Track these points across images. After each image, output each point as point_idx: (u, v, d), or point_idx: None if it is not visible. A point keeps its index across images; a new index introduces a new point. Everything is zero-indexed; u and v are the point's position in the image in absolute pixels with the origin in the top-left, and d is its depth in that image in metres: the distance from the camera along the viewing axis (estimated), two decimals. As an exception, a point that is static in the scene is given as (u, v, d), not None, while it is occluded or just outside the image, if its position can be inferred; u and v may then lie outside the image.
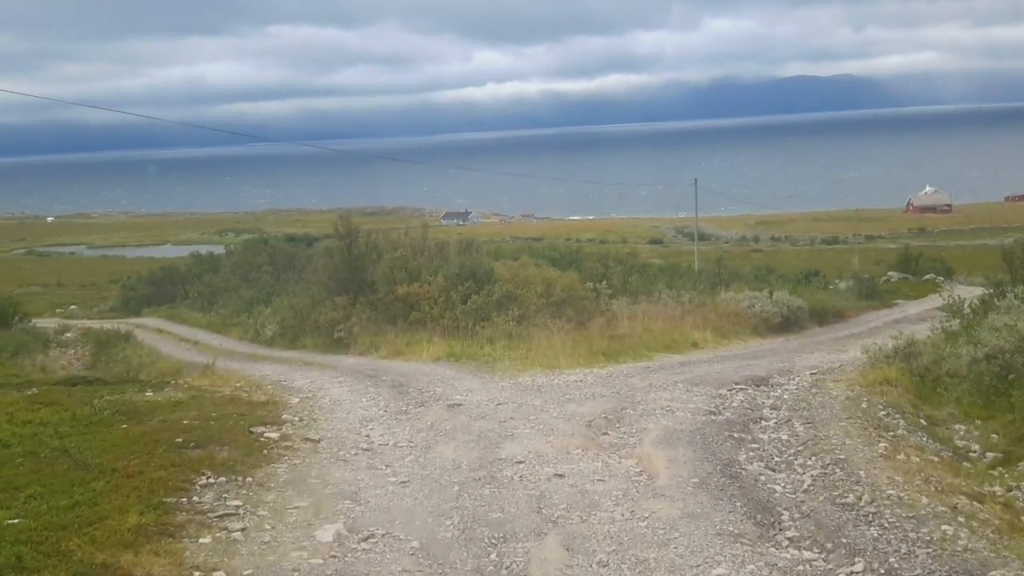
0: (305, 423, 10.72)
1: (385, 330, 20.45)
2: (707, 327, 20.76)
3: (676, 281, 26.36)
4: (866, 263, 64.44)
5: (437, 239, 27.68)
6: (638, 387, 13.08)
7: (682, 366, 16.09)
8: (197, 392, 14.05)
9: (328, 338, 22.16)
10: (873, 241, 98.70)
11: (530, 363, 16.10)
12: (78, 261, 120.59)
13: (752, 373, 15.15)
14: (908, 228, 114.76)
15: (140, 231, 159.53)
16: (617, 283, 24.29)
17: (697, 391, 12.99)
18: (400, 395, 13.12)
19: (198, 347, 27.72)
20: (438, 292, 20.24)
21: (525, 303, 19.79)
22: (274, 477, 8.12)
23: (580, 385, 13.39)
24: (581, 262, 34.97)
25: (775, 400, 12.32)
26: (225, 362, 22.18)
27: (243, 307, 32.20)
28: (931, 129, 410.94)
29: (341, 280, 23.28)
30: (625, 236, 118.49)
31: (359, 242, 23.47)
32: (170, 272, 46.98)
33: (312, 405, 12.40)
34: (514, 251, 44.02)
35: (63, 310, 55.35)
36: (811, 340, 21.75)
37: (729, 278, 27.79)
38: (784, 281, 32.49)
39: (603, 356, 17.01)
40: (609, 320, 20.48)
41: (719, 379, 14.25)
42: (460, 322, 19.36)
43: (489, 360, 16.84)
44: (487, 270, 20.85)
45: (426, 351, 18.25)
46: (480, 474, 8.44)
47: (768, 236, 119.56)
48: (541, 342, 17.87)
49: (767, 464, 8.55)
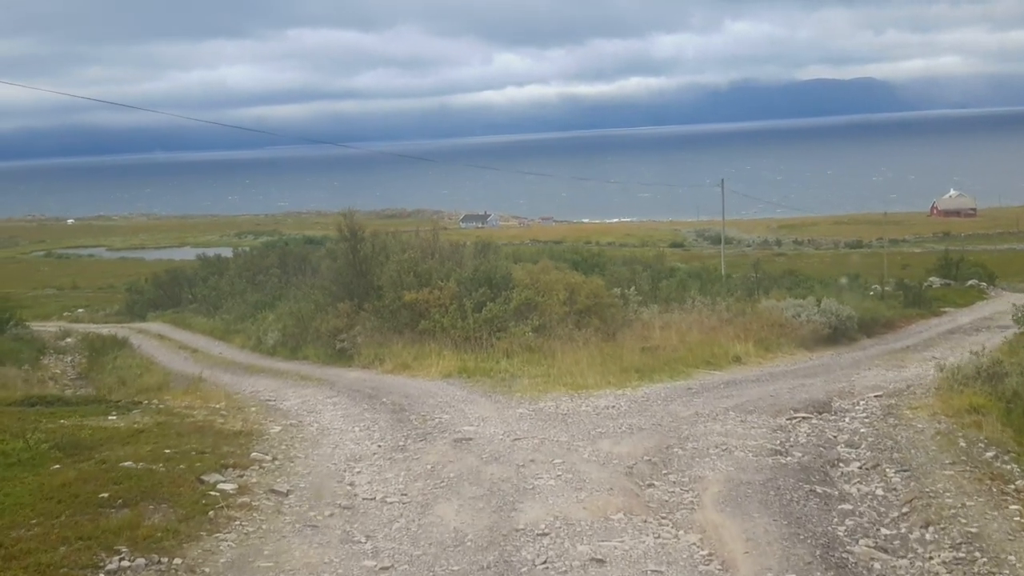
0: (278, 464, 8.70)
1: (391, 340, 18.44)
2: (749, 339, 18.62)
3: (709, 287, 24.20)
4: (893, 267, 62.23)
5: (452, 240, 25.62)
6: (682, 416, 11.01)
7: (727, 387, 13.99)
8: (167, 416, 12.12)
9: (330, 348, 20.20)
10: (898, 245, 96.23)
11: (552, 382, 14.04)
12: (97, 263, 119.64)
13: (810, 396, 13.06)
14: (933, 232, 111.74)
15: (160, 233, 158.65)
16: (646, 289, 22.19)
17: (752, 421, 10.91)
18: (400, 423, 11.11)
19: (196, 356, 25.86)
20: (450, 299, 18.19)
21: (546, 312, 17.72)
22: (213, 557, 6.04)
23: (613, 413, 11.31)
24: (604, 266, 32.90)
25: (850, 434, 10.23)
26: (218, 374, 20.32)
27: (248, 312, 30.37)
28: (953, 132, 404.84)
29: (345, 285, 21.32)
30: (645, 239, 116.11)
31: (365, 243, 21.51)
32: (176, 275, 45.13)
33: (294, 436, 10.42)
34: (533, 254, 41.93)
35: (71, 313, 53.89)
36: (863, 354, 19.56)
37: (768, 284, 25.55)
38: (823, 287, 30.26)
39: (635, 373, 14.93)
40: (639, 330, 18.39)
41: (774, 404, 12.17)
42: (473, 333, 17.32)
43: (505, 378, 14.80)
44: (504, 274, 18.77)
45: (435, 365, 16.24)
46: (489, 558, 6.32)
47: (791, 240, 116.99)
48: (565, 356, 15.81)
49: (876, 542, 6.42)
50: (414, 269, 19.21)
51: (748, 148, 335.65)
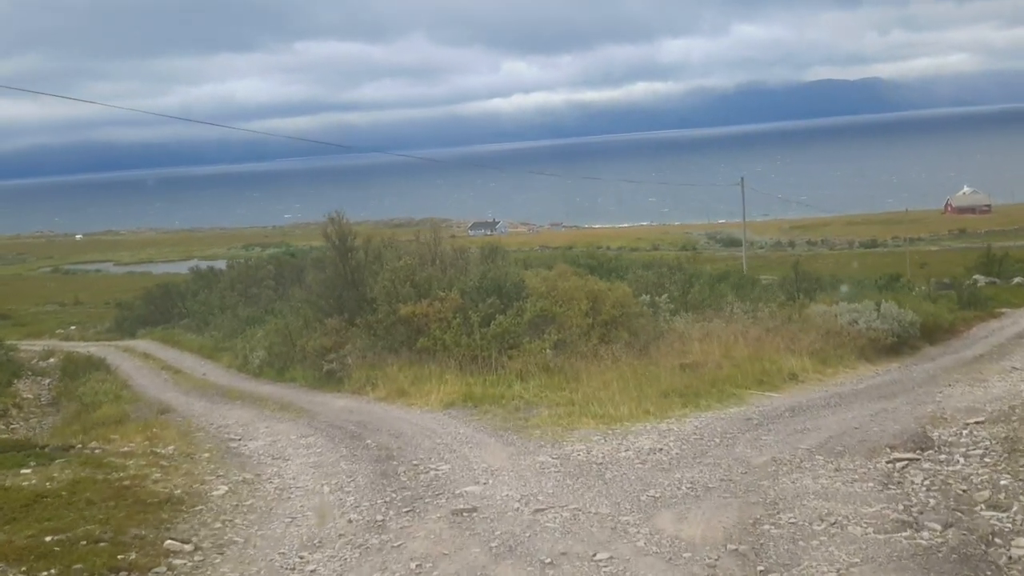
0: (197, 562, 6.06)
1: (385, 361, 15.83)
2: (801, 351, 15.93)
3: (746, 291, 21.51)
4: (911, 267, 59.77)
5: (456, 245, 22.98)
6: (755, 464, 8.35)
7: (794, 416, 11.31)
8: (92, 470, 9.55)
9: (318, 371, 17.64)
10: (914, 243, 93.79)
11: (578, 412, 11.40)
12: (104, 278, 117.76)
13: (901, 426, 10.39)
14: (948, 230, 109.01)
15: (168, 247, 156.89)
16: (677, 295, 19.52)
17: (848, 469, 8.27)
18: (384, 479, 8.49)
19: (177, 378, 23.34)
20: (453, 312, 15.55)
21: (566, 324, 15.07)
22: None
23: (663, 461, 8.64)
24: (624, 271, 30.30)
25: (988, 489, 7.54)
26: (192, 402, 17.87)
27: (239, 328, 27.91)
28: (963, 130, 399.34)
29: (335, 298, 18.75)
30: (656, 243, 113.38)
31: (357, 251, 18.94)
32: (168, 290, 42.68)
33: (241, 501, 7.83)
34: (546, 259, 39.26)
35: (64, 331, 51.66)
36: (934, 366, 16.80)
37: (811, 287, 22.81)
38: (867, 289, 27.55)
39: (678, 398, 12.27)
40: (675, 344, 15.72)
41: (864, 440, 9.52)
42: (481, 351, 14.68)
43: (520, 406, 12.17)
44: (516, 282, 16.12)
45: (435, 391, 13.63)
46: None
47: (804, 241, 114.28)
48: (590, 378, 13.17)
49: None
50: (411, 278, 16.58)
51: (757, 150, 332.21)
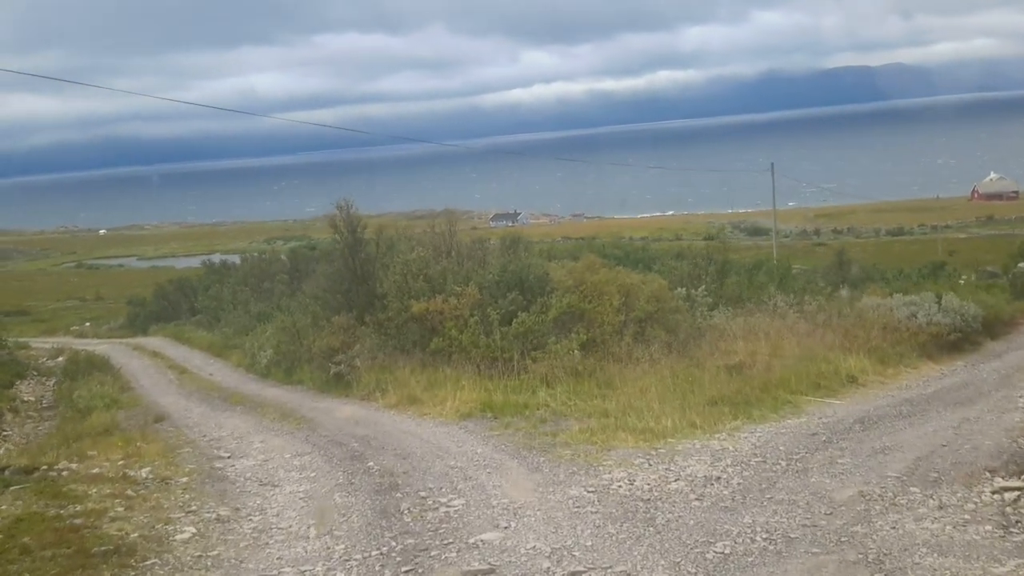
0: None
1: (396, 364, 14.39)
2: (857, 349, 14.31)
3: (788, 283, 19.85)
4: (939, 255, 57.84)
5: (474, 236, 21.44)
6: (838, 499, 6.80)
7: (864, 428, 9.75)
8: (47, 502, 8.18)
9: (326, 372, 16.23)
10: (940, 231, 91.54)
11: (614, 426, 9.89)
12: (126, 273, 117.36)
13: (993, 442, 8.82)
14: (976, 216, 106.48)
15: (191, 241, 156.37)
16: (713, 288, 17.91)
17: (952, 505, 6.72)
18: (384, 518, 7.02)
19: (183, 378, 22.11)
20: (470, 309, 14.08)
21: (596, 322, 13.55)
22: None
23: (723, 496, 7.07)
24: (651, 261, 28.76)
25: None
26: (192, 407, 16.59)
27: (250, 325, 26.65)
28: (989, 116, 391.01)
29: (343, 293, 17.32)
30: (679, 233, 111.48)
31: (368, 243, 17.48)
32: (182, 285, 41.53)
33: (208, 551, 6.42)
34: (570, 250, 37.63)
35: (78, 327, 50.80)
36: (1002, 363, 15.10)
37: (857, 278, 21.08)
38: (908, 280, 25.80)
39: (727, 407, 10.72)
40: (716, 342, 14.15)
41: (957, 463, 7.96)
42: (501, 353, 13.20)
43: (546, 418, 10.69)
44: (540, 275, 14.59)
45: (450, 399, 12.16)
46: None
47: (829, 229, 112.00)
48: (626, 384, 11.66)
49: None
50: (424, 272, 15.10)
51: (779, 138, 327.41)
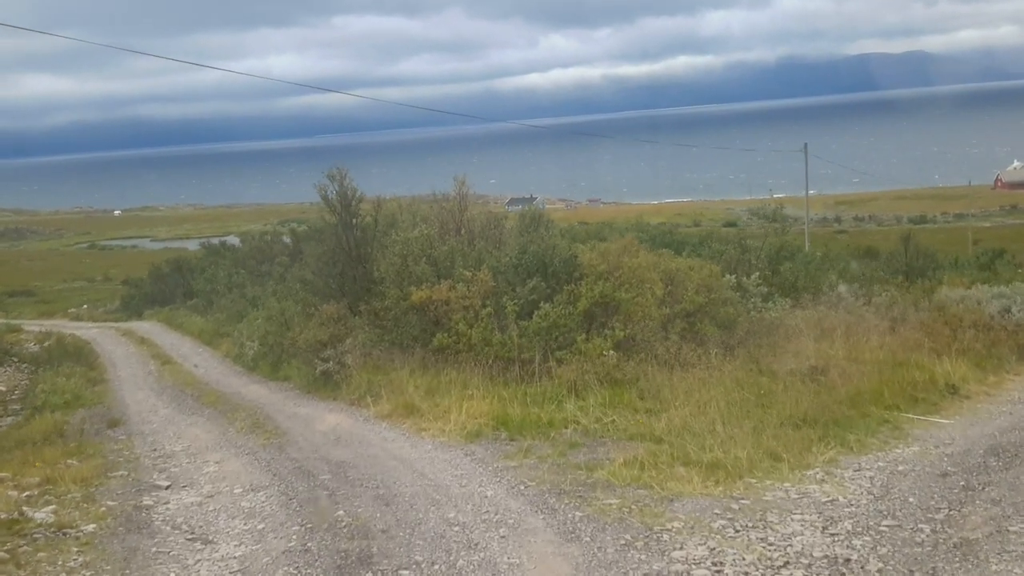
0: None
1: (392, 362, 11.94)
2: (951, 351, 11.75)
3: (849, 270, 17.25)
4: (965, 243, 55.02)
5: (488, 212, 18.82)
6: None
7: (1001, 462, 7.27)
8: None
9: (313, 369, 13.82)
10: (964, 219, 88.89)
11: (668, 458, 7.42)
12: (140, 254, 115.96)
13: None
14: (1000, 205, 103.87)
15: (205, 223, 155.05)
16: (767, 276, 15.37)
17: None
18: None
19: (164, 370, 19.83)
20: (482, 298, 11.57)
21: (635, 316, 11.01)
22: None
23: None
24: (680, 246, 26.24)
25: None
26: (159, 407, 14.28)
27: (244, 310, 24.47)
28: (1013, 104, 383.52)
29: (335, 277, 14.88)
30: (697, 219, 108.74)
31: (363, 217, 15.03)
32: (180, 266, 39.30)
33: None
34: (592, 234, 35.01)
35: (76, 309, 48.87)
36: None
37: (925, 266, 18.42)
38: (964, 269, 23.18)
39: (813, 430, 8.22)
40: (783, 342, 11.62)
41: None
42: (519, 352, 10.71)
43: (577, 443, 8.23)
44: (566, 258, 12.00)
45: (456, 410, 9.69)
46: None
47: (851, 216, 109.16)
48: (678, 396, 9.16)
49: None
50: (427, 252, 12.58)
51: (800, 124, 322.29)
